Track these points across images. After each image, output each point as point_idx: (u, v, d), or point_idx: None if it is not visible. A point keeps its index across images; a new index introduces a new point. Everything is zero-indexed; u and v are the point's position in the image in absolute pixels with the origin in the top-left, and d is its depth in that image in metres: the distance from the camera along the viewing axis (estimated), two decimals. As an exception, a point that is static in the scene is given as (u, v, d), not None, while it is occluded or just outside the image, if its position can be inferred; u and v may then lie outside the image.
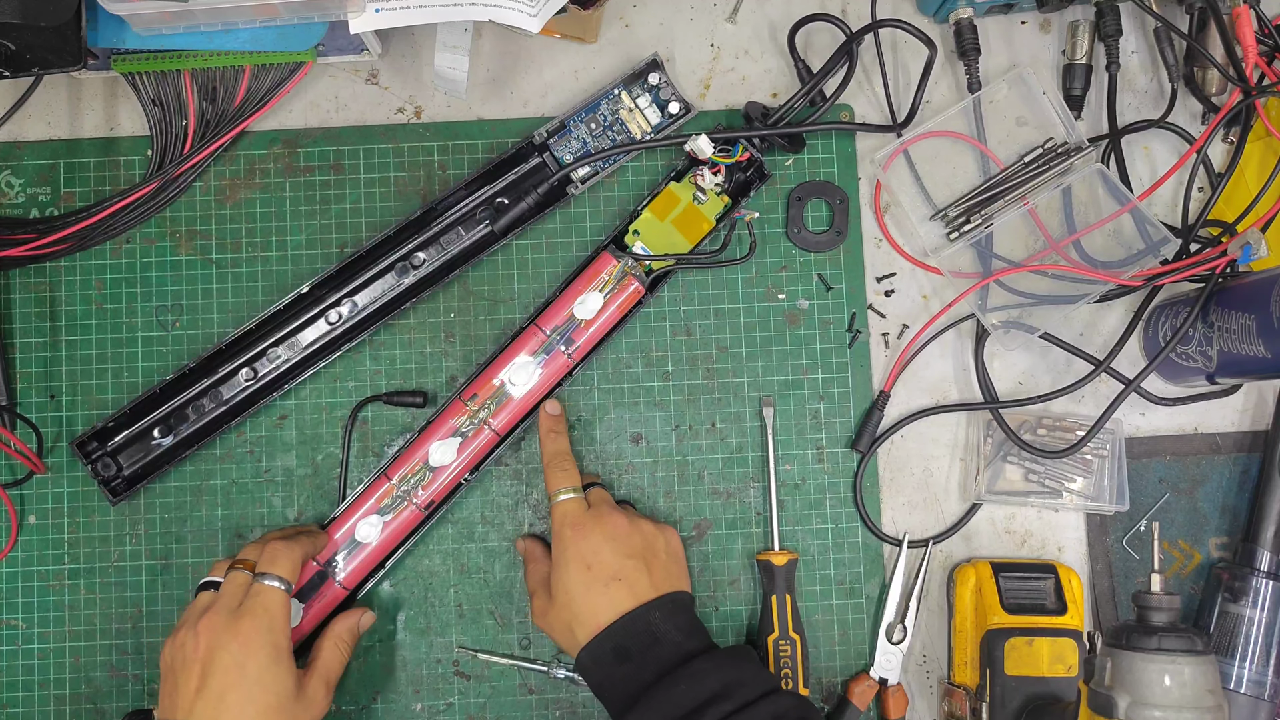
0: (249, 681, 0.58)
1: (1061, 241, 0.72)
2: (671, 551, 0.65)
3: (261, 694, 0.58)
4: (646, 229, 0.69)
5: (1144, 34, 0.75)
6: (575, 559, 0.63)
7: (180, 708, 0.58)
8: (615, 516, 0.64)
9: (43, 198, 0.72)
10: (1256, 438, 0.72)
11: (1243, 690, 0.67)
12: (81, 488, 0.70)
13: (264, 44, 0.68)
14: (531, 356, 0.67)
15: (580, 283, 0.68)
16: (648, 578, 0.62)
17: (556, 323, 0.68)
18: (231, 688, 0.57)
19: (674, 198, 0.70)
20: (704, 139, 0.68)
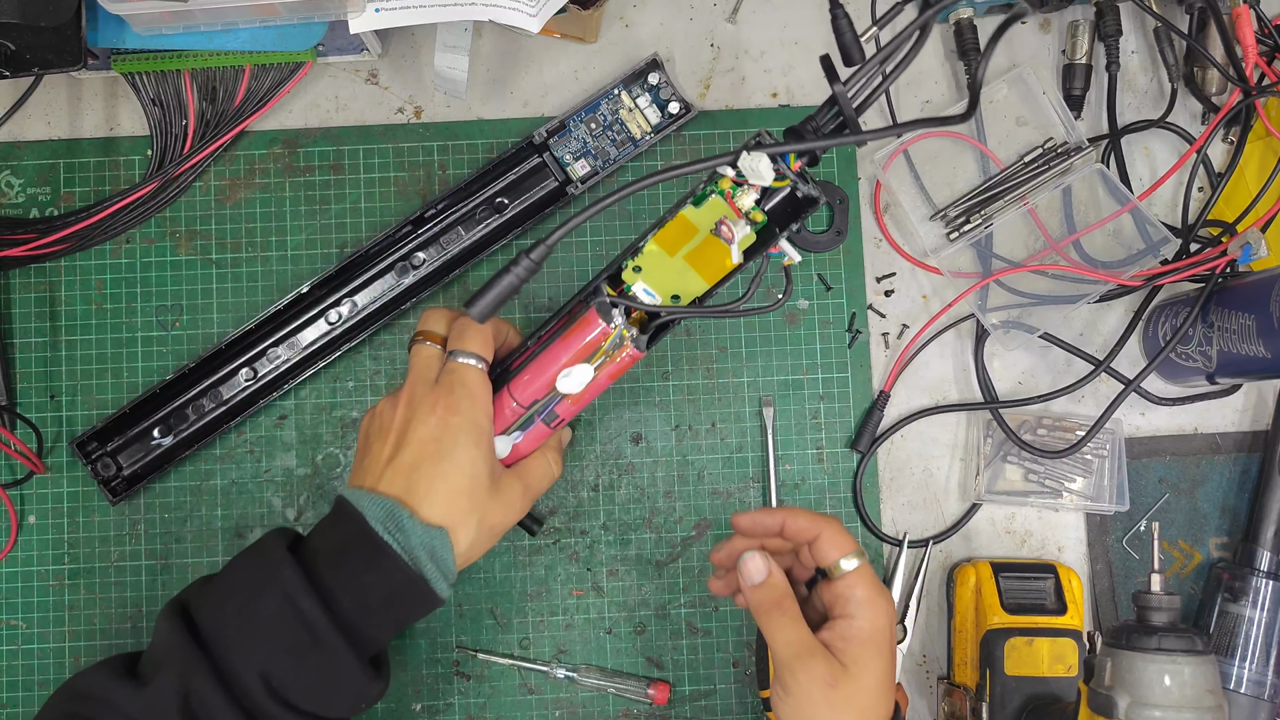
0: (443, 458, 0.54)
1: (1061, 241, 0.72)
2: None
3: (455, 473, 0.54)
4: (651, 265, 0.54)
5: (1144, 34, 0.75)
6: (886, 647, 0.54)
7: (370, 474, 0.55)
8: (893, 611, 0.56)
9: (42, 197, 0.72)
10: (1256, 438, 0.72)
11: (1243, 690, 0.67)
12: (81, 488, 0.70)
13: (264, 44, 0.68)
14: (504, 435, 0.58)
15: (563, 346, 0.56)
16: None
17: (535, 394, 0.57)
18: (425, 460, 0.54)
19: (689, 227, 0.53)
20: (763, 160, 0.49)
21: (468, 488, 0.54)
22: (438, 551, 0.53)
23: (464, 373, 0.56)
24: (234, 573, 0.55)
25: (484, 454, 0.55)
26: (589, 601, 0.70)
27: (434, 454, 0.54)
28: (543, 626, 0.70)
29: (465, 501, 0.54)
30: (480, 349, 0.57)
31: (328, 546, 0.54)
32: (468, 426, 0.55)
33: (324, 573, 0.53)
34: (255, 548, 0.55)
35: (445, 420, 0.55)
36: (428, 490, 0.54)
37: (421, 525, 0.53)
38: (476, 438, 0.55)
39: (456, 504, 0.54)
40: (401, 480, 0.54)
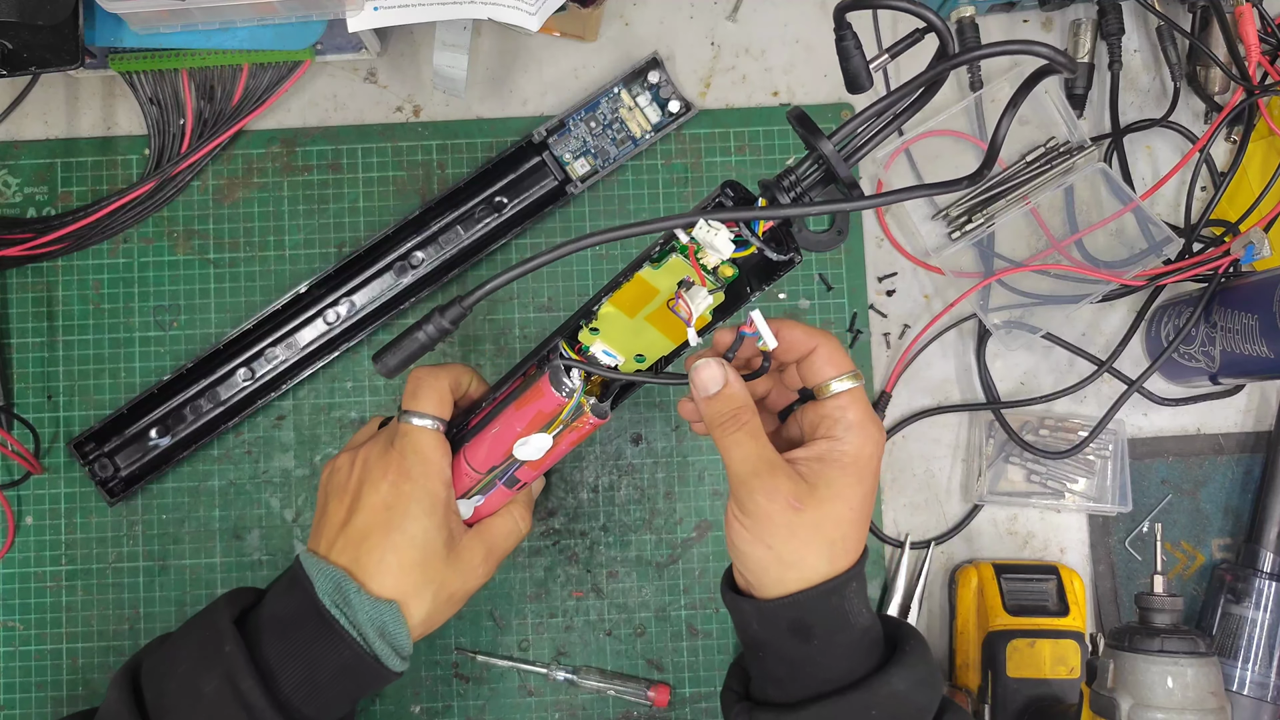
0: (394, 528, 0.51)
1: (1064, 241, 0.71)
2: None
3: (406, 545, 0.51)
4: (610, 326, 0.50)
5: (1146, 32, 0.75)
6: (870, 478, 0.50)
7: (324, 538, 0.53)
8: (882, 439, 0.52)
9: (40, 197, 0.72)
10: (1259, 438, 0.72)
11: (1245, 692, 0.67)
12: (79, 488, 0.70)
13: (262, 42, 0.67)
14: (465, 499, 0.56)
15: (517, 415, 0.52)
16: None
17: (493, 460, 0.54)
18: (375, 529, 0.51)
19: (648, 289, 0.49)
20: (721, 232, 0.45)
21: (419, 560, 0.52)
22: (388, 628, 0.51)
23: (416, 437, 0.53)
24: (181, 643, 0.53)
25: (438, 523, 0.52)
26: (589, 603, 0.70)
27: (384, 523, 0.52)
28: (542, 628, 0.70)
29: (418, 574, 0.52)
30: (435, 409, 0.53)
31: (278, 616, 0.52)
32: (420, 495, 0.52)
33: (270, 647, 0.51)
34: (206, 613, 0.53)
35: (397, 487, 0.52)
36: (378, 562, 0.51)
37: (370, 600, 0.51)
38: (430, 506, 0.52)
39: (408, 577, 0.52)
40: (351, 550, 0.52)
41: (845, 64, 0.44)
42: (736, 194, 0.46)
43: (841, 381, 0.50)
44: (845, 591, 0.49)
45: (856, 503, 0.49)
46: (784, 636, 0.49)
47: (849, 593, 0.49)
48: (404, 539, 0.51)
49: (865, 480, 0.49)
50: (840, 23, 0.43)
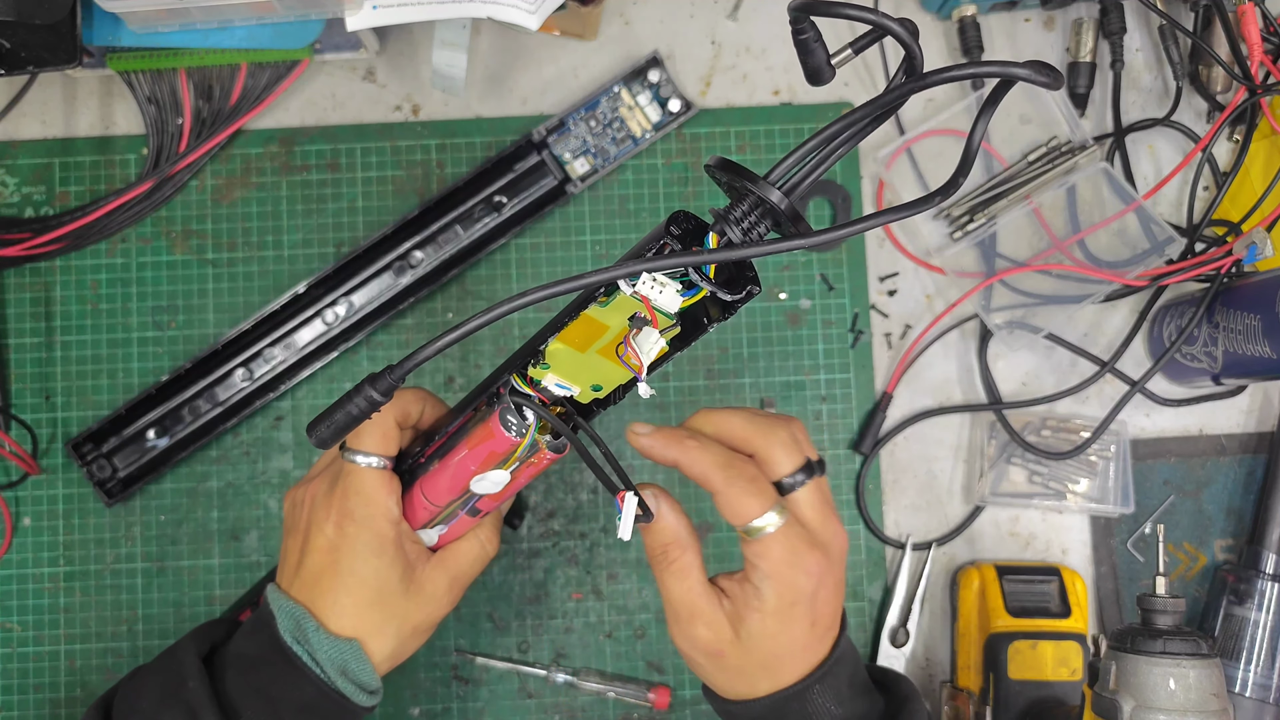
0: (343, 570, 0.50)
1: (1066, 241, 0.71)
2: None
3: (358, 586, 0.50)
4: (561, 361, 0.46)
5: (1148, 31, 0.74)
6: (804, 614, 0.48)
7: (285, 573, 0.52)
8: (842, 539, 0.49)
9: (37, 197, 0.71)
10: (1262, 439, 0.72)
11: (1248, 694, 0.67)
12: (77, 489, 0.69)
13: (260, 41, 0.67)
14: (426, 529, 0.53)
15: (470, 455, 0.49)
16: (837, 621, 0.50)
17: (450, 494, 0.51)
18: (326, 571, 0.50)
19: (597, 325, 0.45)
20: (668, 288, 0.42)
21: (374, 599, 0.50)
22: (350, 666, 0.50)
23: (358, 477, 0.50)
24: (148, 678, 0.52)
25: (388, 561, 0.50)
26: (588, 605, 0.70)
27: (333, 565, 0.50)
28: (542, 630, 0.70)
29: (375, 613, 0.50)
30: (378, 446, 0.50)
31: (243, 653, 0.51)
32: (366, 537, 0.50)
33: (234, 683, 0.50)
34: (175, 649, 0.52)
35: (341, 529, 0.50)
36: (333, 603, 0.50)
37: (329, 638, 0.50)
38: (377, 547, 0.50)
39: (366, 616, 0.50)
40: (307, 591, 0.50)
41: (805, 58, 0.42)
42: (684, 228, 0.42)
43: (766, 519, 0.46)
44: (806, 697, 0.48)
45: (786, 643, 0.47)
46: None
47: (810, 698, 0.48)
48: (355, 580, 0.50)
49: (794, 620, 0.47)
50: (798, 18, 0.41)
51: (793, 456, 0.48)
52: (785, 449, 0.48)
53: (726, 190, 0.42)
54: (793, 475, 0.48)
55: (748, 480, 0.47)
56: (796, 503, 0.48)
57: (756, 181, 0.39)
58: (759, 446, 0.48)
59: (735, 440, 0.48)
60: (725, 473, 0.47)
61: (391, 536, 0.50)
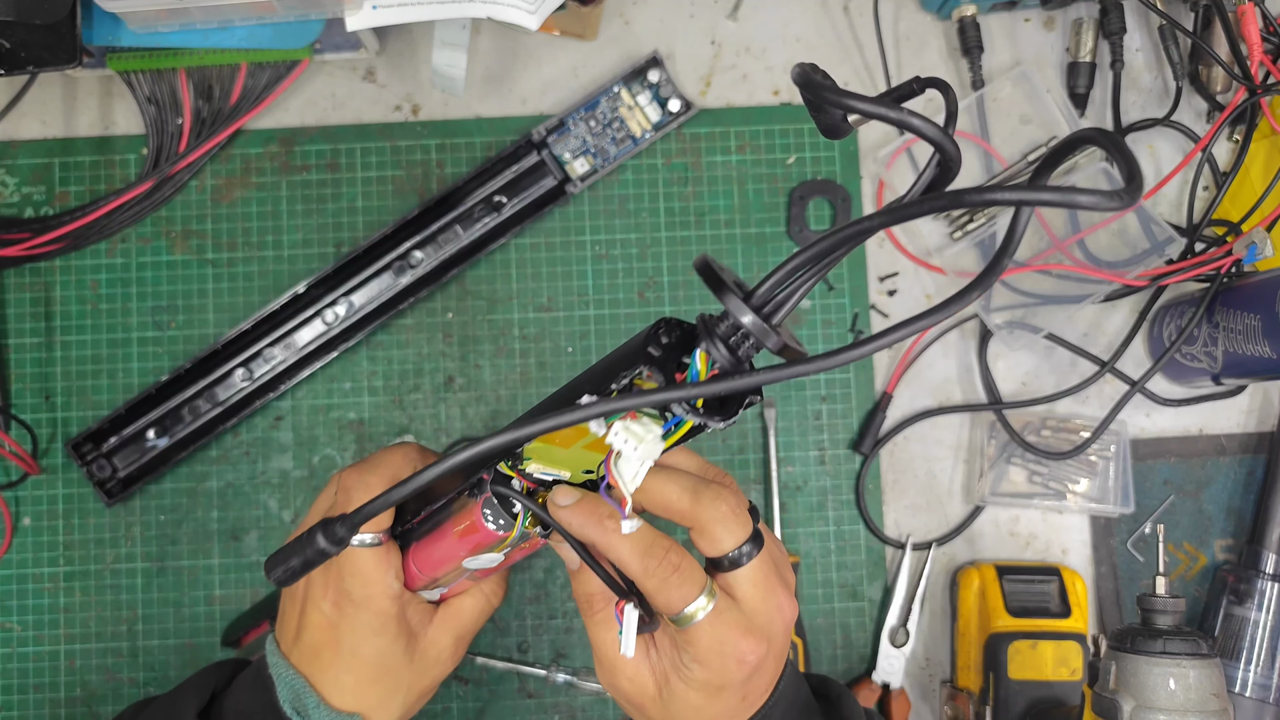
0: (344, 651, 0.48)
1: (1066, 241, 0.71)
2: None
3: (359, 666, 0.48)
4: (543, 456, 0.43)
5: (1148, 31, 0.74)
6: (733, 694, 0.44)
7: (284, 640, 0.51)
8: (788, 613, 0.45)
9: (37, 197, 0.71)
10: (1262, 439, 0.72)
11: (1248, 694, 0.67)
12: (76, 490, 0.69)
13: (260, 41, 0.67)
14: (428, 590, 0.51)
15: (459, 541, 0.46)
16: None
17: (443, 569, 0.48)
18: (325, 648, 0.49)
19: (578, 429, 0.41)
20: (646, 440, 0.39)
21: (377, 675, 0.49)
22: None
23: (353, 559, 0.47)
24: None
25: (390, 638, 0.48)
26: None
27: (333, 644, 0.48)
28: (541, 630, 0.70)
29: (378, 688, 0.49)
30: (370, 525, 0.47)
31: (244, 710, 0.50)
32: (365, 617, 0.48)
33: None
34: (174, 697, 0.51)
35: (340, 609, 0.48)
36: (334, 680, 0.48)
37: (331, 714, 0.48)
38: (379, 626, 0.48)
39: (369, 692, 0.49)
40: (306, 664, 0.49)
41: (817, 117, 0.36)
42: (670, 340, 0.38)
43: (691, 607, 0.43)
44: None
45: (717, 712, 0.44)
46: None
47: None
48: (357, 661, 0.48)
49: (724, 698, 0.44)
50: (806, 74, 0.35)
51: (735, 532, 0.43)
52: (727, 525, 0.43)
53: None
54: (736, 550, 0.43)
55: (670, 570, 0.42)
56: (737, 581, 0.43)
57: (729, 299, 0.35)
58: (699, 521, 0.43)
59: (672, 514, 0.43)
60: (644, 562, 0.43)
61: (393, 613, 0.48)
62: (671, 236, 0.72)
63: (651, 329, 0.38)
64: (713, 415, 0.37)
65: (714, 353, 0.36)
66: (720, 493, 0.43)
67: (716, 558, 0.43)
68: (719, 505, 0.43)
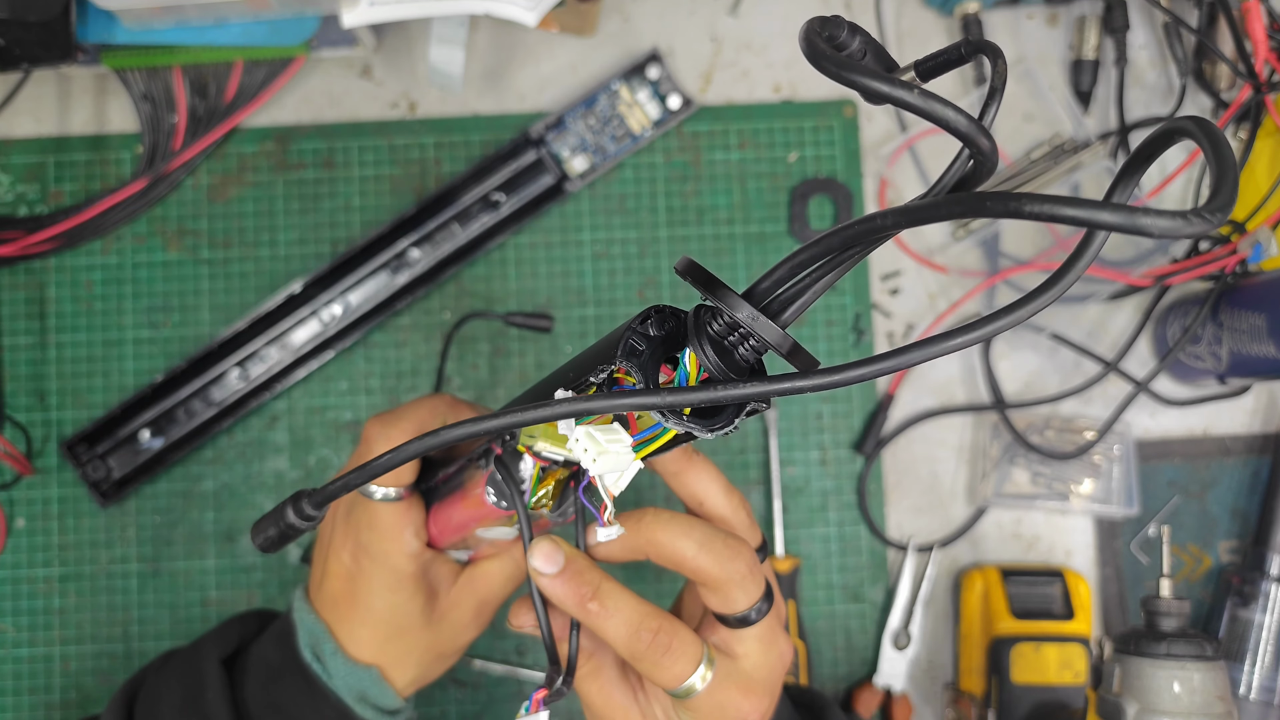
0: (359, 601, 0.48)
1: (1070, 239, 0.71)
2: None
3: (374, 619, 0.48)
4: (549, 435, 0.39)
5: (1153, 28, 0.74)
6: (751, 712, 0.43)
7: (312, 585, 0.51)
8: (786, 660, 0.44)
9: (31, 195, 0.71)
10: (1267, 440, 0.71)
11: (1253, 696, 0.66)
12: (71, 491, 0.69)
13: (256, 38, 0.66)
14: (455, 550, 0.51)
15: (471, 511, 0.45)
16: None
17: (462, 533, 0.47)
18: (343, 598, 0.48)
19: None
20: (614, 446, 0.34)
21: (393, 633, 0.48)
22: (368, 693, 0.48)
23: (371, 512, 0.47)
24: (172, 678, 0.50)
25: (407, 595, 0.48)
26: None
27: (350, 594, 0.48)
28: (540, 632, 0.69)
29: (394, 645, 0.48)
30: (390, 478, 0.47)
31: (267, 660, 0.50)
32: (381, 572, 0.47)
33: (254, 694, 0.49)
34: (198, 647, 0.51)
35: (357, 561, 0.48)
36: (350, 631, 0.48)
37: (347, 663, 0.48)
38: (394, 582, 0.47)
39: (385, 648, 0.48)
40: (327, 611, 0.49)
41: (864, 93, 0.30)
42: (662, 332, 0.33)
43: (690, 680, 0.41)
44: None
45: None
46: None
47: None
48: (371, 614, 0.48)
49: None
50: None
51: (750, 593, 0.41)
52: (744, 586, 0.41)
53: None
54: (747, 611, 0.41)
55: (661, 652, 0.40)
56: (742, 639, 0.42)
57: (724, 294, 0.31)
58: (713, 581, 0.41)
59: (684, 571, 0.41)
60: (632, 646, 0.40)
61: (409, 571, 0.47)
62: (672, 235, 0.71)
63: (638, 317, 0.33)
64: (702, 422, 0.33)
65: (701, 354, 0.32)
66: (738, 550, 0.40)
67: (725, 615, 0.42)
68: (736, 564, 0.40)
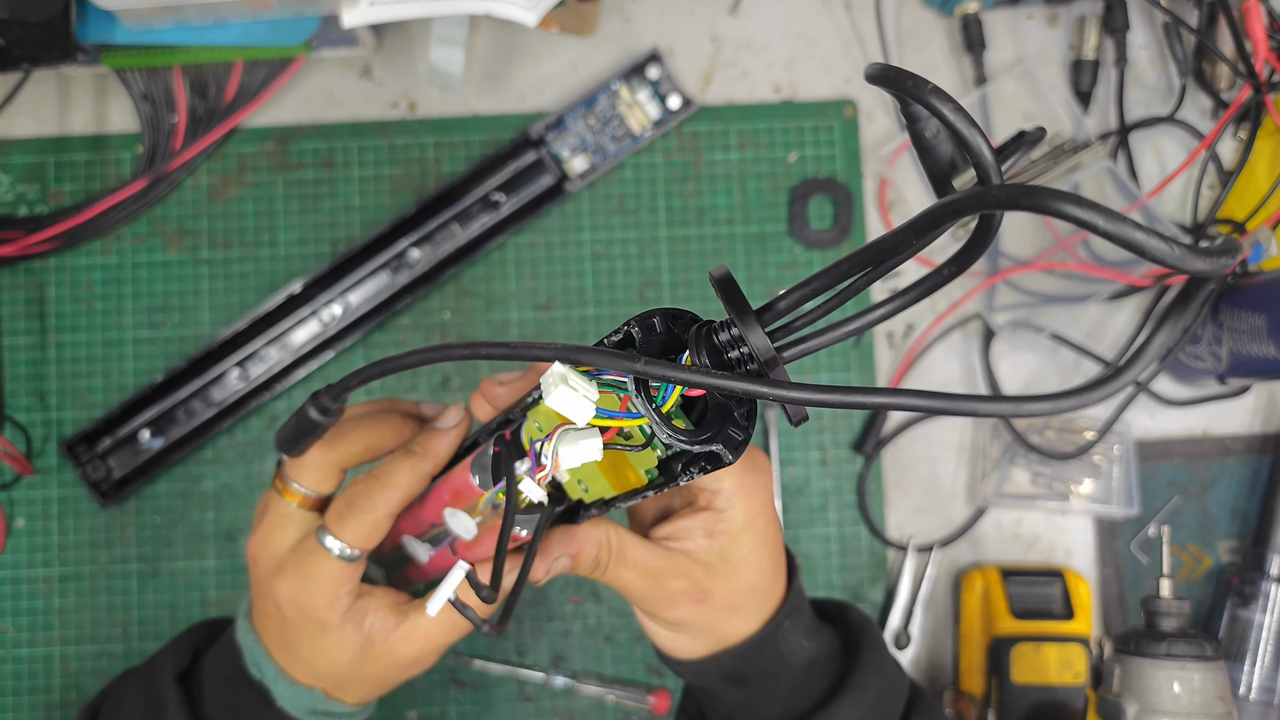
0: (289, 648, 0.47)
1: (1069, 239, 0.71)
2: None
3: (304, 661, 0.47)
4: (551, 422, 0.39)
5: (1153, 28, 0.74)
6: (769, 525, 0.45)
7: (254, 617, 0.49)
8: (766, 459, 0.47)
9: (31, 195, 0.71)
10: (1267, 440, 0.71)
11: (1253, 696, 0.66)
12: (71, 491, 0.69)
13: (256, 38, 0.66)
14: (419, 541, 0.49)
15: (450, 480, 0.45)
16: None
17: (431, 518, 0.47)
18: (276, 640, 0.47)
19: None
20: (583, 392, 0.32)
21: (326, 672, 0.47)
22: (317, 706, 0.48)
23: (314, 564, 0.45)
24: (128, 696, 0.50)
25: (334, 643, 0.46)
26: (588, 608, 0.69)
27: (280, 637, 0.47)
28: (540, 633, 0.69)
29: (330, 681, 0.47)
30: (357, 540, 0.45)
31: (222, 667, 0.49)
32: (309, 626, 0.46)
33: (213, 702, 0.48)
34: (154, 664, 0.50)
35: (282, 613, 0.46)
36: (291, 661, 0.47)
37: (291, 686, 0.47)
38: (321, 634, 0.46)
39: (323, 681, 0.47)
40: (266, 639, 0.48)
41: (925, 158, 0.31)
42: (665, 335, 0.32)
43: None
44: (777, 636, 0.47)
45: (765, 558, 0.45)
46: (720, 684, 0.48)
47: (782, 634, 0.47)
48: (301, 658, 0.47)
49: (764, 533, 0.45)
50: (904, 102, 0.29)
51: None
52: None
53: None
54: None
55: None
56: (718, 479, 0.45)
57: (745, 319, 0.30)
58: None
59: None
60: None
61: (335, 623, 0.46)
62: (671, 235, 0.71)
63: (643, 314, 0.33)
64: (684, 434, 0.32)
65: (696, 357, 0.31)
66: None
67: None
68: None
